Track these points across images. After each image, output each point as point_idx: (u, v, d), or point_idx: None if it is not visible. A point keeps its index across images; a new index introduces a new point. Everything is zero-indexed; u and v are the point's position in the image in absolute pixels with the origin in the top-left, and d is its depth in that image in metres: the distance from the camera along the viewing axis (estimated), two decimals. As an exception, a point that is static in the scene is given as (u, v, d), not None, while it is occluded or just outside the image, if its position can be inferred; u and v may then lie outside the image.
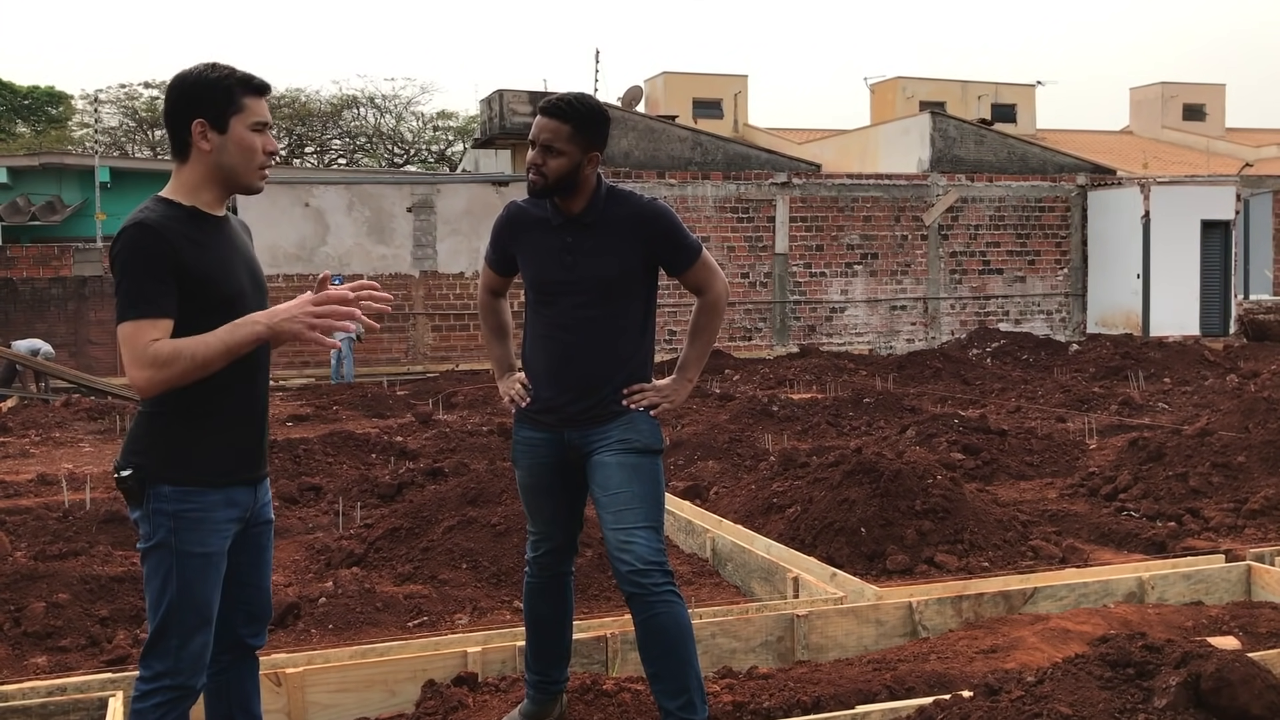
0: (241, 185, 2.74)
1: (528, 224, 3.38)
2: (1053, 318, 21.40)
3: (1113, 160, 24.31)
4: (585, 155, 3.24)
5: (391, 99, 37.78)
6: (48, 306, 17.23)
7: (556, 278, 3.30)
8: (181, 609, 2.63)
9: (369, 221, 18.28)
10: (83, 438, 11.51)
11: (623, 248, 3.29)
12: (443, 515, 5.83)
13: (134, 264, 2.55)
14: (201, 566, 2.65)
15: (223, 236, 2.74)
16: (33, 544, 5.75)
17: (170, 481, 2.63)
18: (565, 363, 3.30)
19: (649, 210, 3.33)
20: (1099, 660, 2.39)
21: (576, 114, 3.22)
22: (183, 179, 2.70)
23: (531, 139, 3.25)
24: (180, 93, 2.67)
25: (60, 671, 4.24)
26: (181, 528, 2.63)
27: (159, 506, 2.63)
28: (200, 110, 2.65)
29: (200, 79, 2.66)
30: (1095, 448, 8.87)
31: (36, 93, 37.90)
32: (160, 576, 2.63)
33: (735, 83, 30.46)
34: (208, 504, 2.66)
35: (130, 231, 2.57)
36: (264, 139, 2.72)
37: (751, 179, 19.57)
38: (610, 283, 3.29)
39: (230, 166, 2.70)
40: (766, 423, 10.19)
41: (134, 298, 2.55)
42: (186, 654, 2.64)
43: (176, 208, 2.66)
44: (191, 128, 2.65)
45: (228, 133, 2.67)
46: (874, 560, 5.53)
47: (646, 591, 3.15)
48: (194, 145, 2.67)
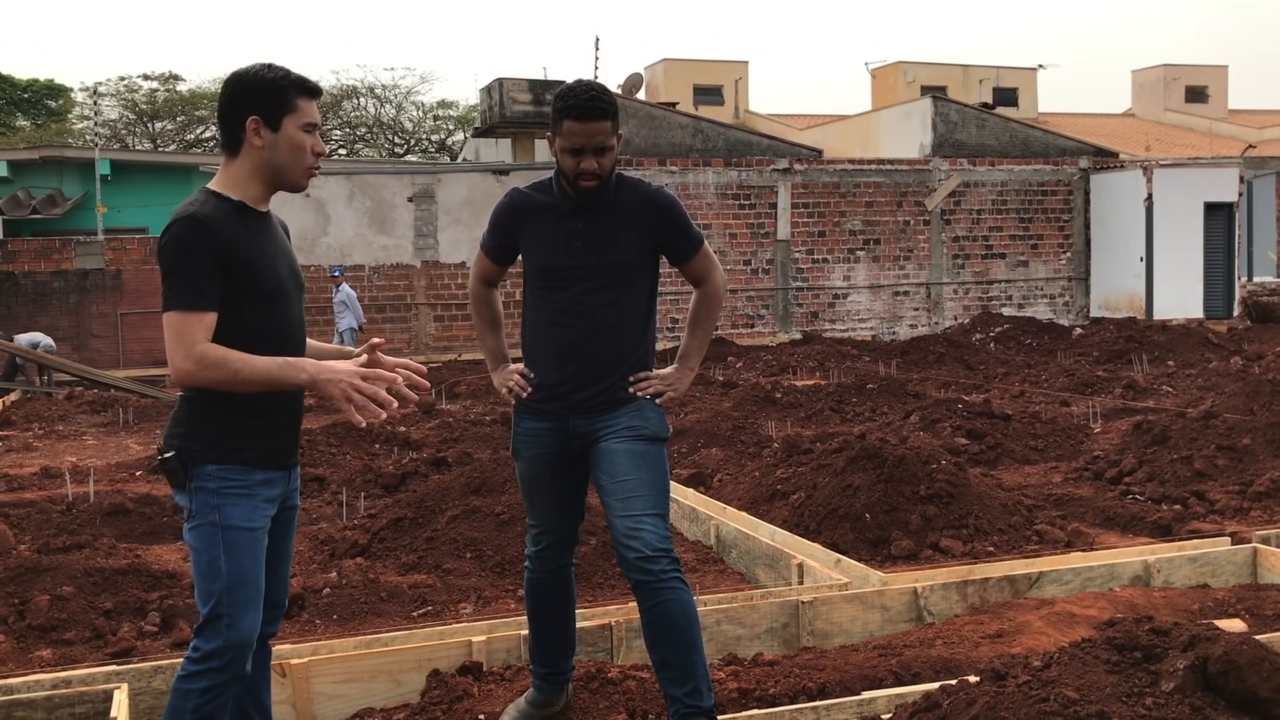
0: (289, 183, 2.83)
1: (534, 209, 3.35)
2: (1056, 302, 21.36)
3: (1115, 143, 24.23)
4: (619, 142, 3.27)
5: (391, 89, 37.77)
6: (50, 300, 17.23)
7: (566, 263, 3.28)
8: (232, 584, 2.67)
9: (370, 212, 18.25)
10: (86, 431, 11.51)
11: (633, 232, 3.29)
12: (446, 505, 5.82)
13: (185, 255, 2.62)
14: (248, 541, 2.71)
15: (266, 232, 2.83)
16: (37, 537, 5.75)
17: (212, 460, 2.69)
18: (575, 349, 3.29)
19: (659, 197, 3.34)
20: (1106, 644, 2.38)
21: (611, 106, 3.21)
22: (231, 173, 2.77)
23: (579, 147, 3.17)
24: (236, 89, 2.75)
25: (65, 664, 4.24)
26: (226, 504, 2.69)
27: (203, 484, 2.69)
28: (255, 107, 2.72)
29: (257, 77, 2.74)
30: (1100, 431, 8.86)
31: (36, 86, 37.84)
32: (209, 553, 2.68)
33: (736, 69, 30.36)
34: (250, 481, 2.73)
35: (183, 223, 2.64)
36: (313, 140, 2.80)
37: (753, 165, 19.52)
38: (621, 267, 3.28)
39: (280, 164, 2.77)
40: (770, 410, 10.18)
41: (183, 288, 2.61)
42: (236, 633, 2.68)
43: (225, 201, 2.73)
44: (245, 124, 2.72)
45: (280, 131, 2.75)
46: (879, 546, 5.52)
47: (654, 579, 3.14)
48: (246, 141, 2.74)
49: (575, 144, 3.17)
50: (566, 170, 3.22)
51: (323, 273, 17.51)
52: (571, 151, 3.19)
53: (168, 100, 35.76)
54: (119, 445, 10.46)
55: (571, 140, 3.17)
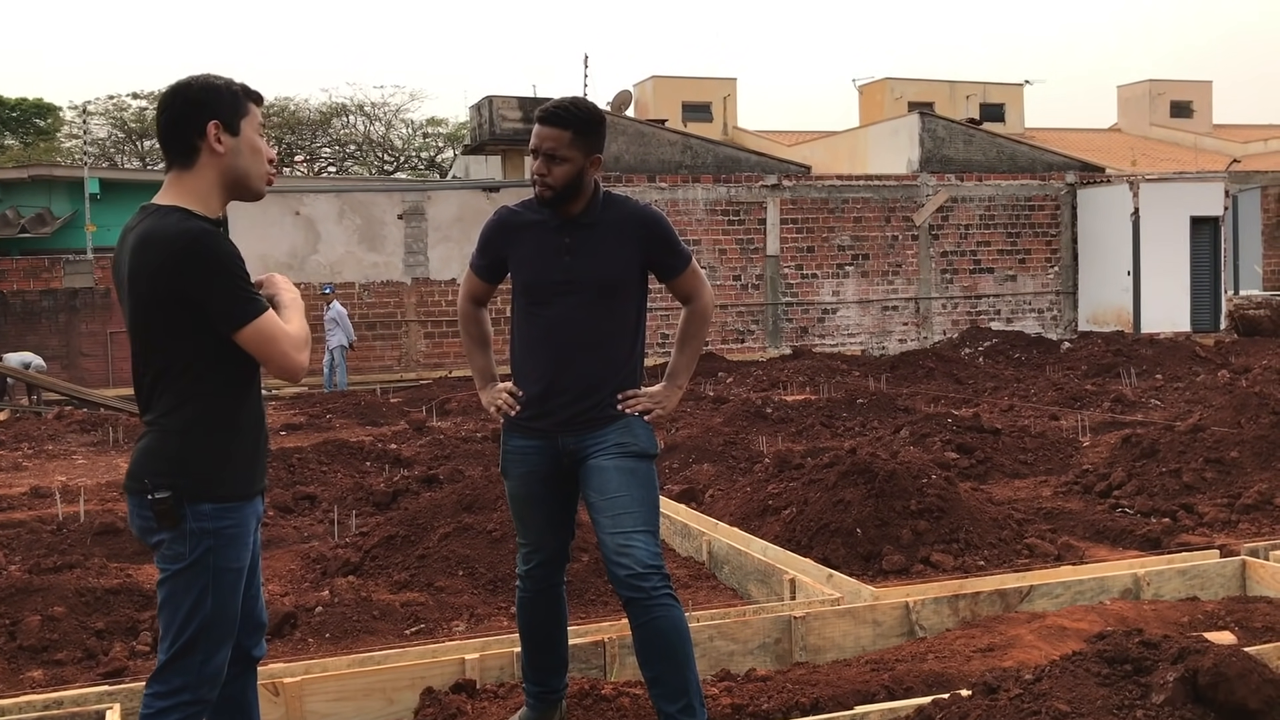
0: (251, 189, 2.75)
1: (522, 226, 3.37)
2: (1044, 316, 21.45)
3: (1101, 158, 24.39)
4: (588, 159, 3.25)
5: (381, 106, 37.83)
6: (39, 319, 17.19)
7: (555, 279, 3.29)
8: (213, 626, 2.62)
9: (360, 229, 18.27)
10: (75, 450, 11.47)
11: (621, 249, 3.30)
12: (438, 522, 5.82)
13: (229, 266, 2.57)
14: (234, 581, 2.66)
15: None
16: (27, 557, 5.73)
17: (211, 499, 2.61)
18: (563, 365, 3.30)
19: (646, 214, 3.36)
20: (1096, 657, 2.40)
21: (576, 119, 3.22)
22: (189, 187, 2.67)
23: (533, 149, 3.24)
24: (187, 99, 2.67)
25: (56, 685, 4.22)
26: (220, 545, 2.61)
27: (199, 525, 2.60)
28: (213, 113, 2.65)
29: (208, 84, 2.69)
30: (1089, 445, 8.89)
31: (25, 105, 37.80)
32: (194, 594, 2.60)
33: (724, 86, 30.51)
34: (242, 518, 2.67)
35: (207, 238, 2.56)
36: (266, 145, 2.78)
37: (742, 182, 19.59)
38: (609, 283, 3.30)
39: (244, 169, 2.71)
40: (761, 425, 10.20)
41: (251, 299, 2.59)
42: (210, 668, 2.64)
43: (203, 219, 2.65)
44: (207, 129, 2.64)
45: (240, 135, 2.69)
46: (870, 561, 5.54)
47: (645, 595, 3.15)
48: (205, 148, 2.65)
49: (532, 145, 3.26)
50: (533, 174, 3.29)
51: (313, 290, 17.50)
52: (531, 154, 3.27)
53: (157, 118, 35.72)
54: (109, 464, 10.43)
55: (531, 142, 3.27)
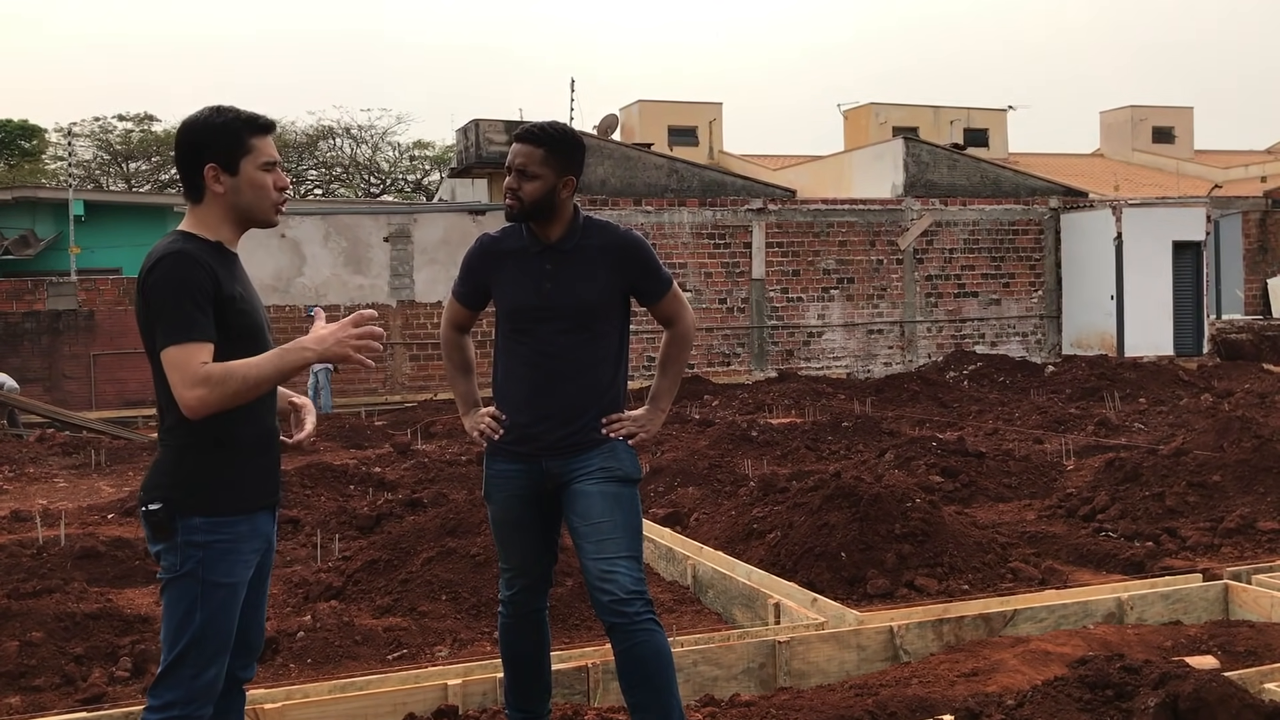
0: (259, 221, 2.82)
1: (503, 254, 3.39)
2: (1028, 340, 21.54)
3: (1084, 183, 24.58)
4: (560, 179, 3.27)
5: (368, 129, 37.91)
6: (21, 341, 17.09)
7: (535, 304, 3.31)
8: (203, 640, 2.64)
9: (346, 252, 18.25)
10: (57, 473, 11.39)
11: (601, 275, 3.32)
12: (422, 546, 5.80)
13: (177, 290, 2.59)
14: (226, 597, 2.68)
15: (240, 271, 2.83)
16: (5, 582, 5.67)
17: (202, 513, 2.66)
18: (546, 390, 3.30)
19: (627, 239, 3.38)
20: (1078, 682, 2.40)
21: (549, 138, 3.27)
22: (200, 218, 2.76)
23: (507, 165, 3.30)
24: (189, 139, 2.73)
25: (34, 712, 4.18)
26: (211, 559, 2.65)
27: (190, 539, 2.64)
28: (210, 155, 2.71)
29: (207, 124, 2.72)
30: (1073, 469, 8.92)
31: (9, 126, 37.72)
32: (184, 607, 2.64)
33: (710, 110, 30.66)
34: (238, 534, 2.69)
35: (170, 259, 2.62)
36: (275, 176, 2.79)
37: (727, 205, 19.66)
38: (590, 309, 3.31)
39: (246, 206, 2.77)
40: (746, 448, 10.19)
41: (179, 323, 2.58)
42: (200, 683, 2.65)
43: (203, 241, 2.72)
44: (204, 172, 2.71)
45: (239, 174, 2.73)
46: (855, 585, 5.53)
47: (628, 621, 3.14)
48: (207, 189, 2.73)
49: (506, 162, 3.32)
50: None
51: (298, 313, 17.46)
52: (506, 171, 3.31)
53: (142, 141, 35.75)
54: (90, 487, 10.36)
55: (507, 159, 3.32)
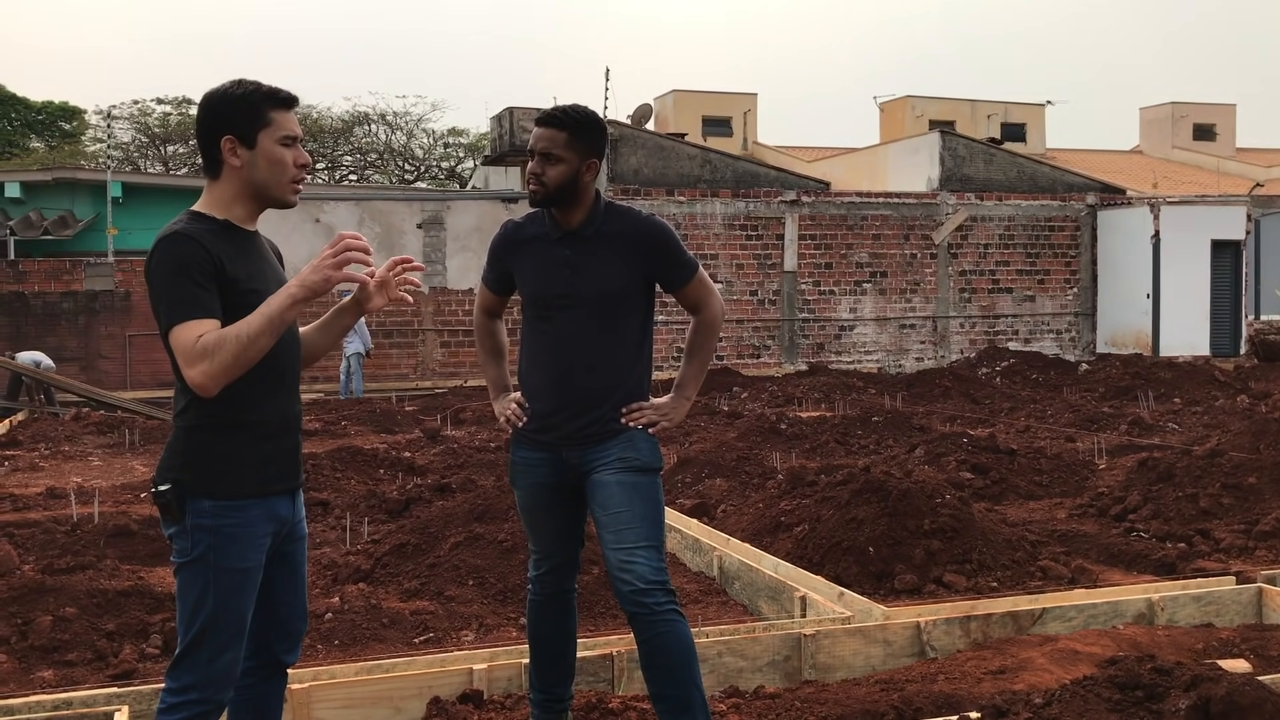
0: (274, 199, 2.76)
1: (525, 240, 3.39)
2: (1062, 337, 21.36)
3: (1122, 180, 24.31)
4: (584, 162, 3.25)
5: (403, 116, 38.00)
6: (59, 320, 17.30)
7: (556, 292, 3.29)
8: (217, 624, 2.62)
9: (379, 238, 18.33)
10: (91, 451, 11.53)
11: (622, 262, 3.29)
12: (450, 531, 5.83)
13: (175, 272, 2.55)
14: (239, 582, 2.65)
15: (255, 250, 2.77)
16: (40, 557, 5.75)
17: (211, 496, 2.62)
18: (564, 379, 3.29)
19: (648, 225, 3.33)
20: (1108, 682, 2.37)
21: (571, 120, 3.25)
22: (215, 195, 2.72)
23: (530, 150, 3.27)
24: (208, 111, 2.69)
25: (66, 685, 4.24)
26: (221, 543, 2.62)
27: (199, 522, 2.62)
28: (228, 127, 2.66)
29: (226, 96, 2.68)
30: (1105, 468, 8.84)
31: (50, 108, 38.13)
32: (196, 591, 2.62)
33: (744, 101, 30.54)
34: (248, 518, 2.66)
35: (168, 241, 2.58)
36: (294, 153, 2.74)
37: (760, 197, 19.59)
38: (610, 297, 3.28)
39: (261, 182, 2.72)
40: (774, 441, 10.17)
41: (179, 304, 2.54)
42: (216, 668, 2.64)
43: (210, 221, 2.68)
44: (221, 145, 2.67)
45: (256, 148, 2.68)
46: (882, 580, 5.51)
47: (649, 611, 3.14)
48: (224, 162, 2.69)
49: (529, 146, 3.29)
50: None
51: (331, 298, 17.56)
52: (529, 156, 3.28)
53: (180, 123, 36.01)
54: (124, 466, 10.48)
55: (529, 144, 3.29)
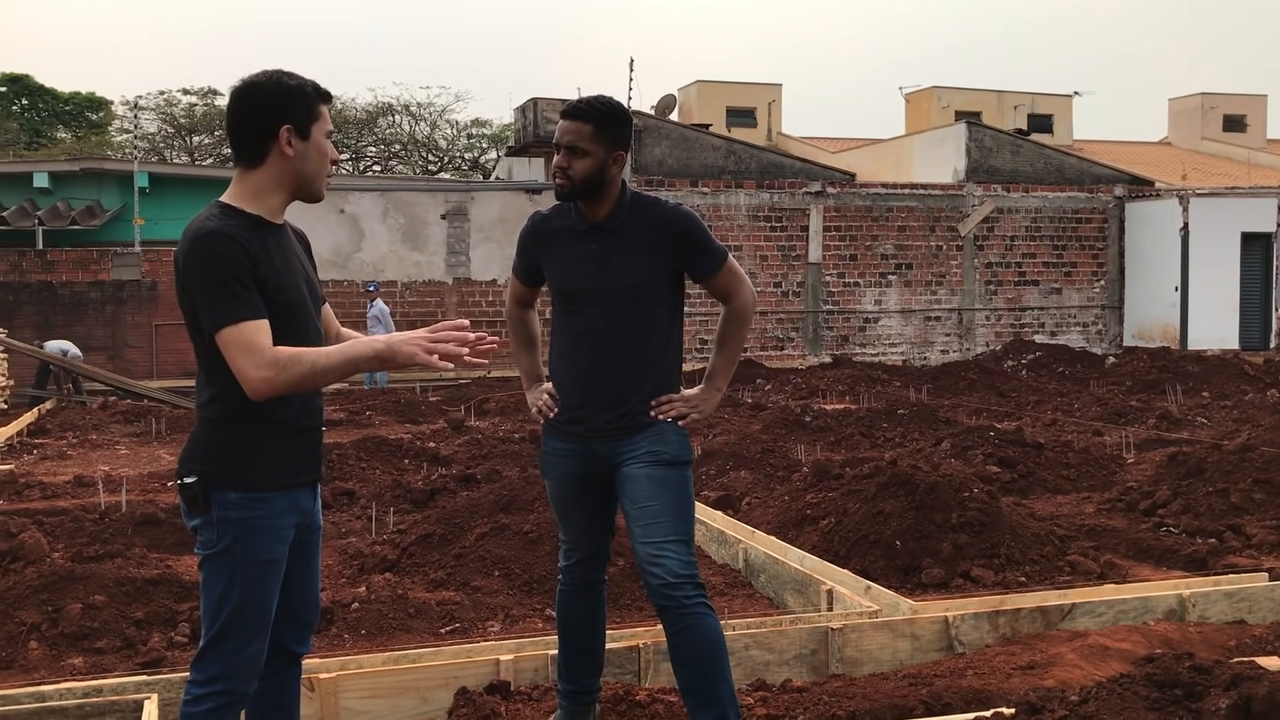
0: (312, 192, 2.76)
1: (552, 233, 3.37)
2: (1089, 330, 21.20)
3: (1151, 172, 24.06)
4: (610, 154, 3.22)
5: (426, 106, 38.05)
6: (86, 310, 17.43)
7: (582, 285, 3.27)
8: (243, 616, 2.63)
9: (403, 228, 18.37)
10: (119, 440, 11.62)
11: (649, 253, 3.26)
12: (475, 522, 5.83)
13: (219, 269, 2.53)
14: (265, 573, 2.65)
15: (284, 245, 2.75)
16: (70, 545, 5.79)
17: (236, 488, 2.62)
18: (591, 372, 3.28)
19: (674, 215, 3.30)
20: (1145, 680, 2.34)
21: (597, 113, 3.22)
22: (249, 185, 2.69)
23: (556, 144, 3.25)
24: (260, 99, 2.66)
25: (96, 673, 4.26)
26: (247, 535, 2.62)
27: (224, 514, 2.61)
28: (286, 116, 2.65)
29: (280, 86, 2.67)
30: (1133, 462, 8.76)
31: (77, 99, 38.42)
32: (222, 583, 2.62)
33: (769, 91, 30.39)
34: (273, 510, 2.65)
35: (208, 239, 2.56)
36: (331, 147, 2.76)
37: (785, 188, 19.51)
38: (637, 289, 3.26)
39: (309, 173, 2.72)
40: (799, 433, 10.13)
41: (231, 301, 2.53)
42: (242, 659, 2.64)
43: (241, 215, 2.65)
44: (279, 134, 2.65)
45: (310, 139, 2.69)
46: (909, 574, 5.48)
47: (678, 605, 3.13)
48: (274, 151, 2.66)
49: (555, 140, 3.26)
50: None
51: (356, 288, 17.63)
52: (555, 149, 3.26)
53: (205, 114, 36.21)
54: (151, 455, 10.55)
55: (555, 137, 3.26)
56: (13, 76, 37.25)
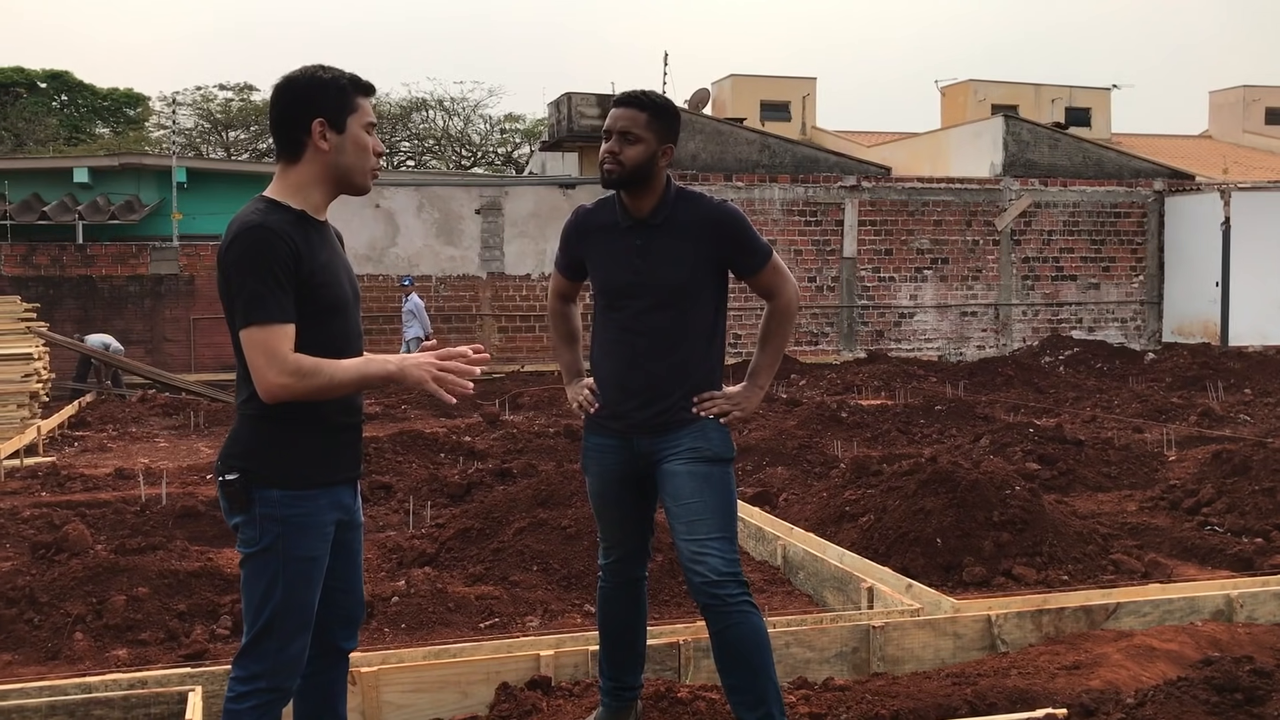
0: (354, 186, 2.74)
1: (595, 228, 3.35)
2: (1127, 326, 20.96)
3: (1191, 165, 23.75)
4: (660, 146, 3.21)
5: (460, 102, 38.16)
6: (125, 304, 17.60)
7: (625, 281, 3.25)
8: (286, 613, 2.62)
9: (438, 223, 18.43)
10: (158, 433, 11.72)
11: (693, 250, 3.24)
12: (513, 517, 5.83)
13: (257, 266, 2.52)
14: (307, 571, 2.65)
15: (326, 241, 2.73)
16: (112, 537, 5.84)
17: (278, 485, 2.62)
18: (633, 368, 3.26)
19: (720, 211, 3.28)
20: (1204, 684, 2.30)
21: (652, 103, 3.21)
22: (291, 180, 2.68)
23: (607, 129, 3.22)
24: (295, 94, 2.66)
25: (140, 664, 4.30)
26: (289, 533, 2.61)
27: (267, 512, 2.61)
28: (319, 110, 2.64)
29: (315, 79, 2.66)
30: (1175, 460, 8.65)
31: (116, 94, 38.81)
32: (265, 581, 2.62)
33: (803, 85, 30.25)
34: (315, 508, 2.65)
35: (251, 234, 2.55)
36: (374, 140, 2.73)
37: (819, 182, 19.41)
38: (680, 286, 3.23)
39: (347, 167, 2.69)
40: (835, 429, 10.07)
41: (262, 301, 2.52)
42: (286, 656, 2.64)
43: (286, 210, 2.64)
44: (312, 127, 2.63)
45: (345, 132, 2.67)
46: (950, 572, 5.43)
47: (721, 603, 3.10)
48: (310, 145, 2.65)
49: (606, 126, 3.23)
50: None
51: (391, 282, 17.71)
52: (603, 136, 3.23)
53: (241, 110, 36.48)
54: (190, 448, 10.64)
55: (605, 124, 3.23)
56: (53, 73, 37.67)
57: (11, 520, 6.65)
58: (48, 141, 33.09)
